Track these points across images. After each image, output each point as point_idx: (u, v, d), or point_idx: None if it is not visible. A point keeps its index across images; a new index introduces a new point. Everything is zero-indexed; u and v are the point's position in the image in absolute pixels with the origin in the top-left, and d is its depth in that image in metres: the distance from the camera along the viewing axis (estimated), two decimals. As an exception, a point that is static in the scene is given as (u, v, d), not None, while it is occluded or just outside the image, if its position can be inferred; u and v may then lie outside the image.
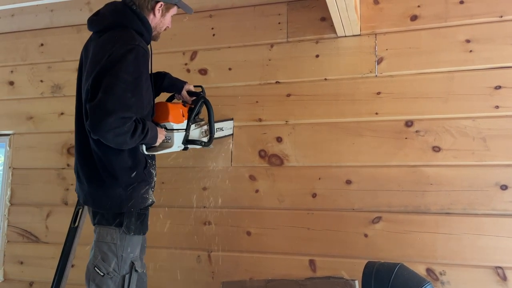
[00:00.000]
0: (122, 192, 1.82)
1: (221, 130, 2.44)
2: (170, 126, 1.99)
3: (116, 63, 1.67)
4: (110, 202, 1.82)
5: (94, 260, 1.83)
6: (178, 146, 2.04)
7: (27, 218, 2.94)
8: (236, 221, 2.51)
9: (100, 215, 1.86)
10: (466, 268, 2.15)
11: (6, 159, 3.07)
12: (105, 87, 1.64)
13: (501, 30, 2.24)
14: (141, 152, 1.87)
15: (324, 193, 2.39)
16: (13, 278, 2.92)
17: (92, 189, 1.86)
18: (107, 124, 1.60)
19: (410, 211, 2.25)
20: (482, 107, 2.22)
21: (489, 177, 2.17)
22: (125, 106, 1.64)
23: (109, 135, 1.63)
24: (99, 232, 1.85)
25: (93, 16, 1.90)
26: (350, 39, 2.47)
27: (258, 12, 2.65)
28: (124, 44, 1.71)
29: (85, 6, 2.99)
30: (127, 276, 1.83)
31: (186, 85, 2.22)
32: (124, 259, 1.82)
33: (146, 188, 1.90)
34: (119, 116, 1.62)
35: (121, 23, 1.82)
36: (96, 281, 1.81)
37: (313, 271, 2.35)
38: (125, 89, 1.65)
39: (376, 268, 1.93)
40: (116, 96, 1.63)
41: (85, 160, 1.87)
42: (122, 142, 1.69)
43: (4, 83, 3.14)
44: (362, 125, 2.38)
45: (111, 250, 1.81)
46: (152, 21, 1.91)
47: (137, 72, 1.71)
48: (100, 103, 1.62)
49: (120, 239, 1.82)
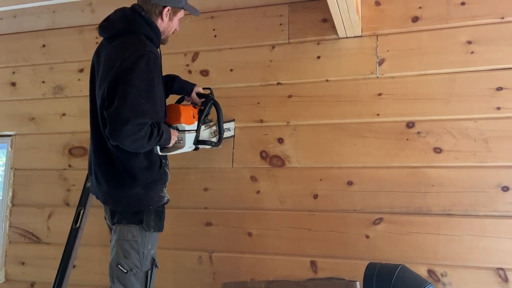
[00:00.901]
0: (140, 191, 1.89)
1: (228, 130, 2.50)
2: (182, 128, 2.05)
3: (128, 70, 1.72)
4: (129, 201, 1.89)
5: (116, 258, 1.88)
6: (189, 146, 2.12)
7: (28, 219, 2.94)
8: (237, 222, 2.51)
9: (119, 214, 1.92)
10: (467, 270, 2.15)
11: (7, 160, 3.07)
12: (120, 94, 1.70)
13: (502, 31, 2.24)
14: (155, 153, 1.93)
15: (325, 194, 2.39)
16: (15, 279, 2.93)
17: (112, 190, 1.92)
18: (125, 131, 1.67)
19: (412, 212, 2.25)
20: (484, 108, 2.22)
21: (490, 179, 2.17)
22: (140, 112, 1.70)
23: (127, 141, 1.70)
24: (120, 230, 1.90)
25: (104, 22, 1.95)
26: (351, 40, 2.47)
27: (260, 13, 2.66)
28: (135, 51, 1.76)
29: (87, 7, 3.00)
30: (149, 272, 1.89)
31: (196, 88, 2.29)
32: (145, 255, 1.88)
33: (161, 187, 1.98)
34: (136, 123, 1.68)
35: (131, 29, 1.87)
36: (120, 278, 1.85)
37: (314, 272, 2.35)
38: (139, 96, 1.71)
39: (377, 269, 1.93)
40: (131, 103, 1.69)
41: (104, 163, 1.92)
42: (139, 147, 1.77)
43: (6, 84, 3.15)
44: (364, 126, 2.38)
45: (133, 247, 1.86)
46: (160, 26, 1.95)
47: (149, 78, 1.76)
48: (117, 111, 1.68)
49: (141, 236, 1.88)
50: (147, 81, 1.75)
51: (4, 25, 3.17)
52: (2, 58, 3.18)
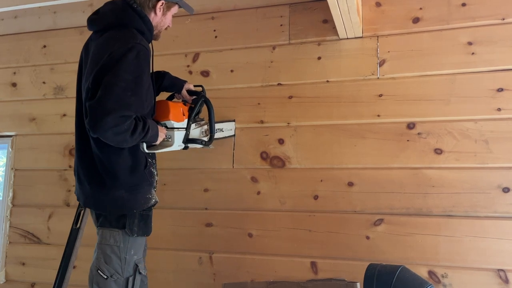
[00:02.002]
0: (124, 193, 1.80)
1: (221, 131, 2.42)
2: (171, 125, 1.97)
3: (116, 62, 1.64)
4: (112, 204, 1.81)
5: (97, 263, 1.82)
6: (178, 145, 2.03)
7: (29, 219, 2.94)
8: (237, 222, 2.51)
9: (103, 217, 1.84)
10: (468, 271, 2.14)
11: (8, 160, 3.07)
12: (105, 85, 1.61)
13: (503, 32, 2.24)
14: (141, 150, 1.84)
15: (326, 195, 2.39)
16: (15, 279, 2.93)
17: (93, 191, 1.84)
18: (106, 122, 1.58)
19: (412, 214, 2.25)
20: (484, 109, 2.22)
21: (491, 180, 2.17)
22: (124, 104, 1.61)
23: (108, 133, 1.61)
24: (102, 234, 1.84)
25: (93, 15, 1.87)
26: (352, 41, 2.47)
27: (260, 14, 2.66)
28: (125, 43, 1.69)
29: (88, 8, 3.00)
30: (131, 278, 1.82)
31: (186, 84, 2.20)
32: (127, 261, 1.81)
33: (148, 188, 1.88)
34: (119, 115, 1.59)
35: (122, 22, 1.79)
36: (100, 284, 1.79)
37: (314, 273, 2.35)
38: (125, 88, 1.63)
39: (377, 270, 1.93)
40: (116, 95, 1.60)
41: (86, 162, 1.84)
42: (122, 140, 1.67)
43: (7, 84, 3.15)
44: (364, 127, 2.38)
45: (114, 253, 1.80)
46: (153, 20, 1.88)
47: (138, 71, 1.69)
48: (100, 102, 1.60)
49: (123, 241, 1.80)
50: (135, 74, 1.67)
51: (5, 25, 3.17)
52: (3, 59, 3.18)
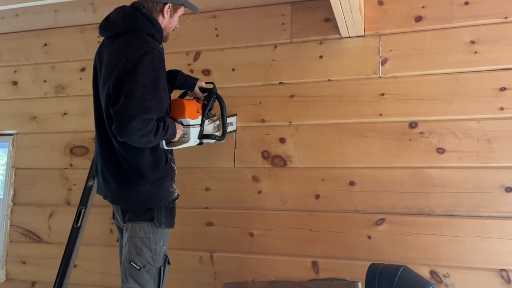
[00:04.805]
0: (149, 188, 1.90)
1: (231, 124, 2.51)
2: (187, 122, 2.07)
3: (133, 67, 1.73)
4: (139, 199, 1.90)
5: (129, 256, 1.88)
6: (194, 140, 2.14)
7: (29, 218, 2.94)
8: (238, 222, 2.50)
9: (131, 212, 1.92)
10: (470, 271, 2.14)
11: (9, 159, 3.07)
12: (125, 92, 1.72)
13: (506, 31, 2.23)
14: (161, 148, 1.94)
15: (327, 195, 2.38)
16: (16, 278, 2.93)
17: (120, 189, 1.93)
18: (132, 127, 1.68)
19: (414, 213, 2.24)
20: (487, 108, 2.21)
21: (493, 179, 2.16)
22: (146, 108, 1.72)
23: (134, 137, 1.71)
24: (132, 228, 1.91)
25: (104, 21, 1.94)
26: (354, 40, 2.46)
27: (262, 13, 2.65)
28: (138, 48, 1.77)
29: (89, 6, 3.00)
30: (162, 268, 1.90)
31: (198, 82, 2.28)
32: (157, 252, 1.89)
33: (170, 182, 1.98)
34: (141, 119, 1.69)
35: (132, 28, 1.87)
36: (133, 275, 1.86)
37: (316, 272, 2.34)
38: (145, 92, 1.72)
39: (379, 270, 1.93)
40: (137, 100, 1.70)
41: (110, 162, 1.93)
42: (146, 142, 1.77)
43: (8, 83, 3.14)
44: (366, 126, 2.37)
45: (145, 244, 1.88)
46: (162, 23, 1.96)
47: (154, 74, 1.78)
48: (123, 108, 1.70)
49: (153, 232, 1.89)
50: (152, 77, 1.77)
51: (6, 24, 3.17)
52: (4, 57, 3.18)
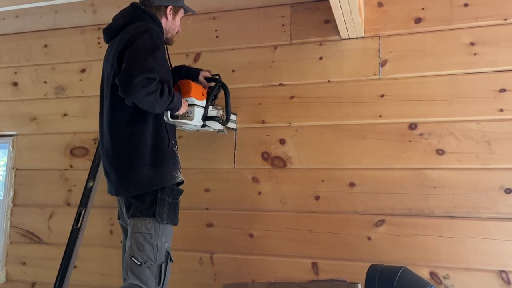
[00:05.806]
0: (149, 170, 1.91)
1: (233, 121, 2.55)
2: (192, 101, 2.15)
3: (134, 41, 1.85)
4: (140, 184, 1.90)
5: (130, 251, 1.88)
6: (198, 121, 2.21)
7: (29, 219, 2.94)
8: (238, 223, 2.50)
9: (134, 208, 1.92)
10: (470, 272, 2.14)
11: (9, 160, 3.07)
12: (127, 58, 1.82)
13: (505, 33, 2.24)
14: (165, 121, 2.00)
15: (327, 196, 2.38)
16: (16, 279, 2.92)
17: (120, 177, 1.95)
18: (136, 83, 1.75)
19: (414, 214, 2.24)
20: (487, 110, 2.21)
21: (493, 181, 2.16)
22: (148, 68, 1.79)
23: (141, 95, 1.78)
24: (134, 223, 1.91)
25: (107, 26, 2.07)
26: (354, 42, 2.46)
27: (262, 14, 2.65)
28: (139, 27, 1.90)
29: (89, 7, 3.00)
30: (163, 265, 1.89)
31: (202, 72, 2.38)
32: (159, 248, 1.89)
33: (173, 167, 1.99)
34: (144, 77, 1.77)
35: (132, 20, 1.97)
36: (134, 271, 1.86)
37: (315, 274, 2.34)
38: (145, 56, 1.82)
39: (379, 271, 1.93)
40: (138, 62, 1.80)
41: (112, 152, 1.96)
42: (154, 101, 1.83)
43: (8, 84, 3.15)
44: (366, 128, 2.37)
45: (147, 240, 1.87)
46: (165, 24, 2.08)
47: (154, 44, 1.88)
48: (126, 70, 1.79)
49: (154, 228, 1.89)
50: (152, 45, 1.86)
51: (6, 25, 3.17)
52: (4, 58, 3.19)
